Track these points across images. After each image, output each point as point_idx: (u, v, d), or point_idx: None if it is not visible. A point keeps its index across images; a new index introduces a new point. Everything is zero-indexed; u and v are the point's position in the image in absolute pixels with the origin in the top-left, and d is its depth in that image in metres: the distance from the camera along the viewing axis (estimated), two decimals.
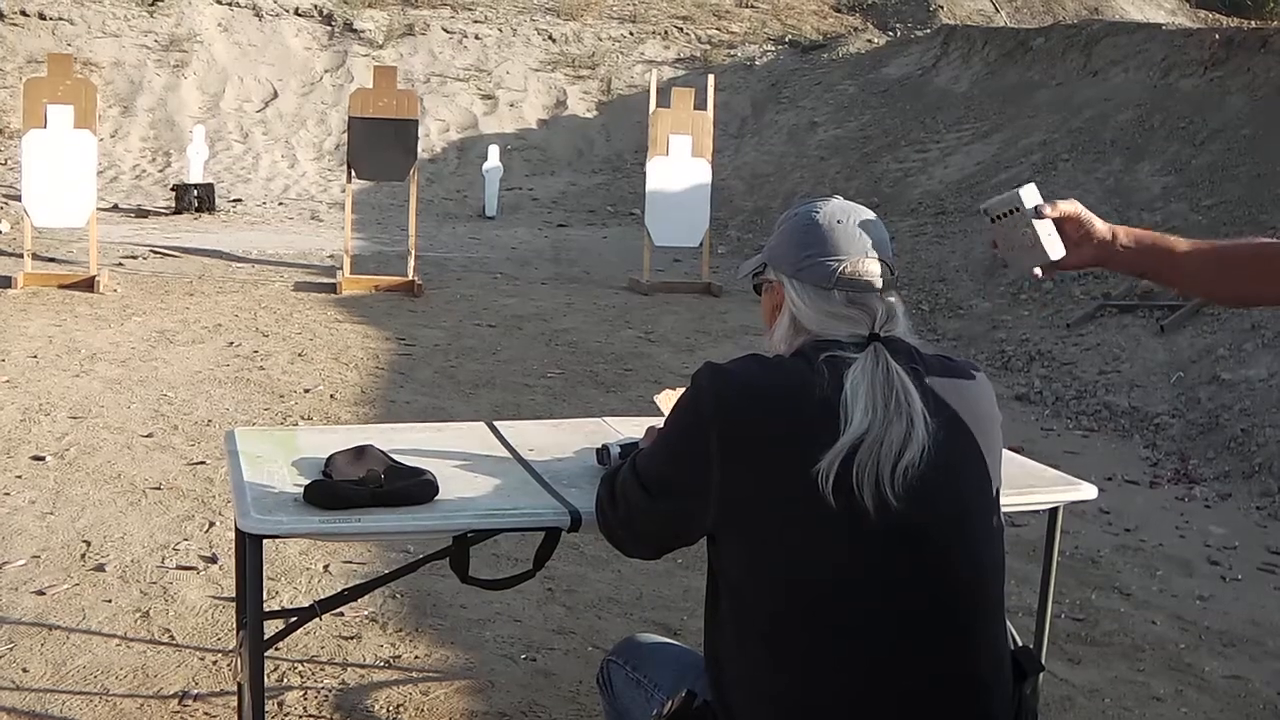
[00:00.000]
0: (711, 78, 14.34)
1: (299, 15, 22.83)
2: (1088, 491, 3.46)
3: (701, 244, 13.16)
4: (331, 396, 8.13)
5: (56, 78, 11.71)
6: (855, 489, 2.26)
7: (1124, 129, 14.52)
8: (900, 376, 2.35)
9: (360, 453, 3.17)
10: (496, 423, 3.74)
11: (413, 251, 12.53)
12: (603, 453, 3.25)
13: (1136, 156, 13.62)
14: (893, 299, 2.51)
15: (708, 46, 23.73)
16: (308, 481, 2.92)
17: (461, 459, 3.32)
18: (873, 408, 2.30)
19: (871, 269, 2.49)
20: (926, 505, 2.31)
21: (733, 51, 23.55)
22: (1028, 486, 3.39)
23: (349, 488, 2.89)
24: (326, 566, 5.25)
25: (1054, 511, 3.53)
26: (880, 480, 2.27)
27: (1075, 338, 10.02)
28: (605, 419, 3.90)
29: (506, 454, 3.41)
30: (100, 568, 5.13)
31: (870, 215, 2.58)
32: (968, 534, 2.39)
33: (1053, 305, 10.79)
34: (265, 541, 2.83)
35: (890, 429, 2.29)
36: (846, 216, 2.53)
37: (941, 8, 25.41)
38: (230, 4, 22.69)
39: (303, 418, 7.58)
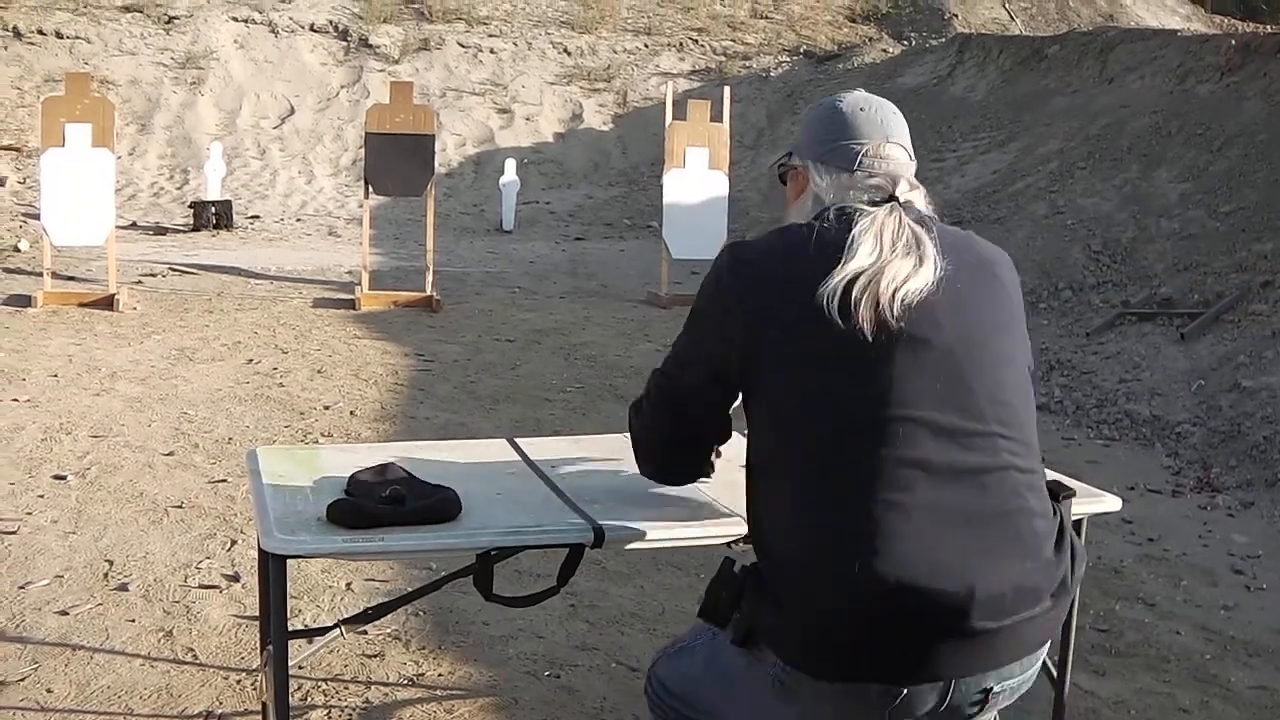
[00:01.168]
0: (727, 89, 14.33)
1: (315, 31, 22.86)
2: (1111, 503, 3.45)
3: None
4: (351, 413, 8.14)
5: (74, 96, 11.74)
6: (852, 311, 2.36)
7: (1141, 136, 14.47)
8: (911, 225, 2.47)
9: (383, 471, 3.17)
10: (518, 439, 3.74)
11: (431, 267, 12.53)
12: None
13: (1154, 163, 13.57)
14: (914, 179, 2.64)
15: (723, 58, 23.72)
16: (331, 500, 2.93)
17: (484, 476, 3.32)
18: (879, 247, 2.42)
19: (893, 153, 2.63)
20: (930, 326, 2.41)
21: (748, 63, 23.54)
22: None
23: (372, 506, 2.90)
24: (349, 584, 5.25)
25: (1078, 524, 3.51)
26: (880, 304, 2.38)
27: (1095, 346, 10.00)
28: (627, 435, 3.89)
29: (529, 470, 3.42)
30: (123, 587, 5.14)
31: (892, 106, 2.70)
32: (982, 359, 2.46)
33: (1072, 314, 10.78)
34: (288, 561, 2.83)
35: (895, 263, 2.41)
36: (869, 105, 2.67)
37: (956, 16, 25.37)
38: (246, 21, 22.74)
39: (323, 435, 7.59)
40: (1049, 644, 2.55)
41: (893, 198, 2.54)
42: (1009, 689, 2.45)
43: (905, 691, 2.35)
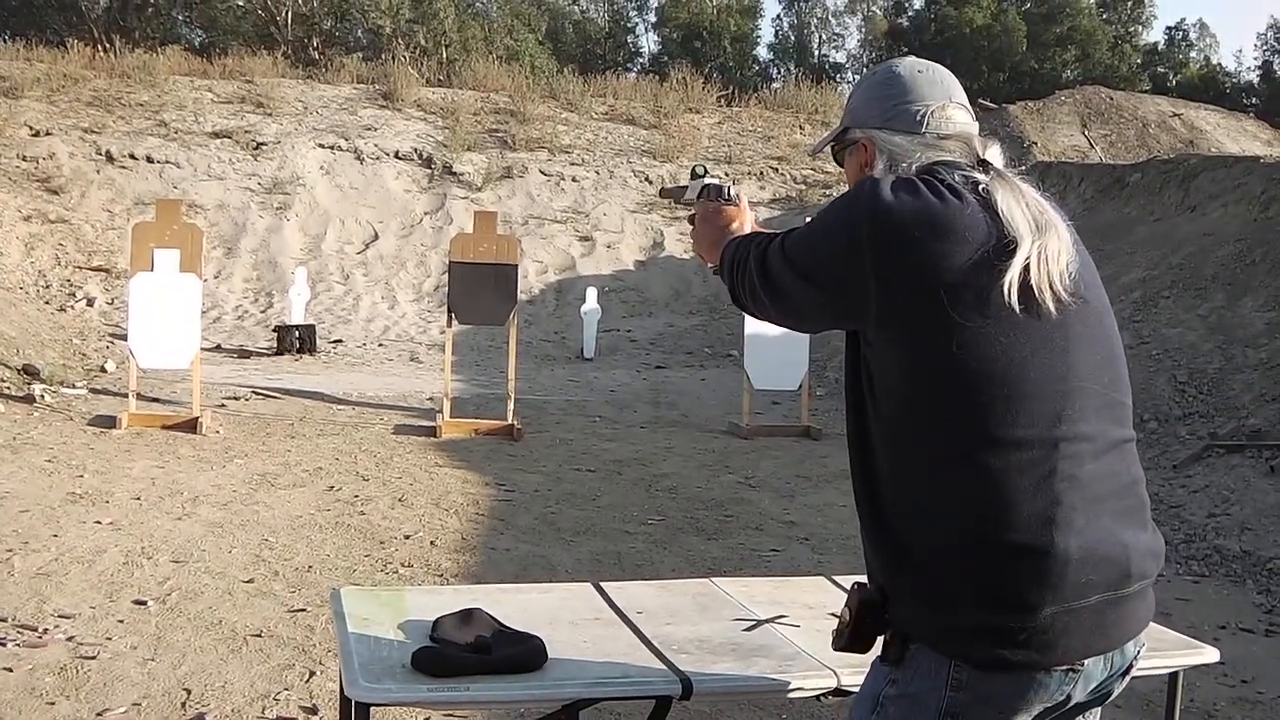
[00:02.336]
0: (808, 219, 14.35)
1: (399, 158, 23.22)
2: (1210, 655, 3.38)
3: (801, 387, 13.12)
4: (432, 543, 8.12)
5: (164, 222, 11.96)
6: (1036, 295, 2.37)
7: (1225, 264, 14.35)
8: (1031, 191, 2.49)
9: (468, 616, 3.15)
10: (604, 584, 3.71)
11: (512, 395, 12.57)
12: (698, 169, 3.21)
13: (1239, 292, 13.44)
14: (983, 136, 2.62)
15: (803, 187, 23.84)
16: (416, 647, 2.91)
17: (569, 622, 3.29)
18: (1030, 225, 2.40)
19: (956, 115, 2.60)
20: (1085, 290, 2.46)
21: (828, 191, 23.61)
22: (1147, 650, 3.30)
23: (457, 655, 2.88)
24: (427, 718, 5.20)
25: (1174, 676, 3.43)
26: (1053, 284, 2.39)
27: (1182, 479, 9.85)
28: (713, 580, 3.86)
29: (614, 617, 3.38)
30: (200, 717, 5.12)
31: (946, 69, 2.68)
32: (1112, 323, 2.55)
33: (1158, 446, 10.63)
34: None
35: (1048, 240, 2.41)
36: (926, 67, 2.65)
37: (1035, 144, 25.41)
38: (332, 147, 23.15)
39: (403, 565, 7.57)
40: None
41: (984, 162, 2.53)
42: (1140, 655, 2.52)
43: (1084, 668, 2.37)
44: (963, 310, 2.34)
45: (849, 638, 2.49)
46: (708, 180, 3.07)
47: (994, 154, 2.58)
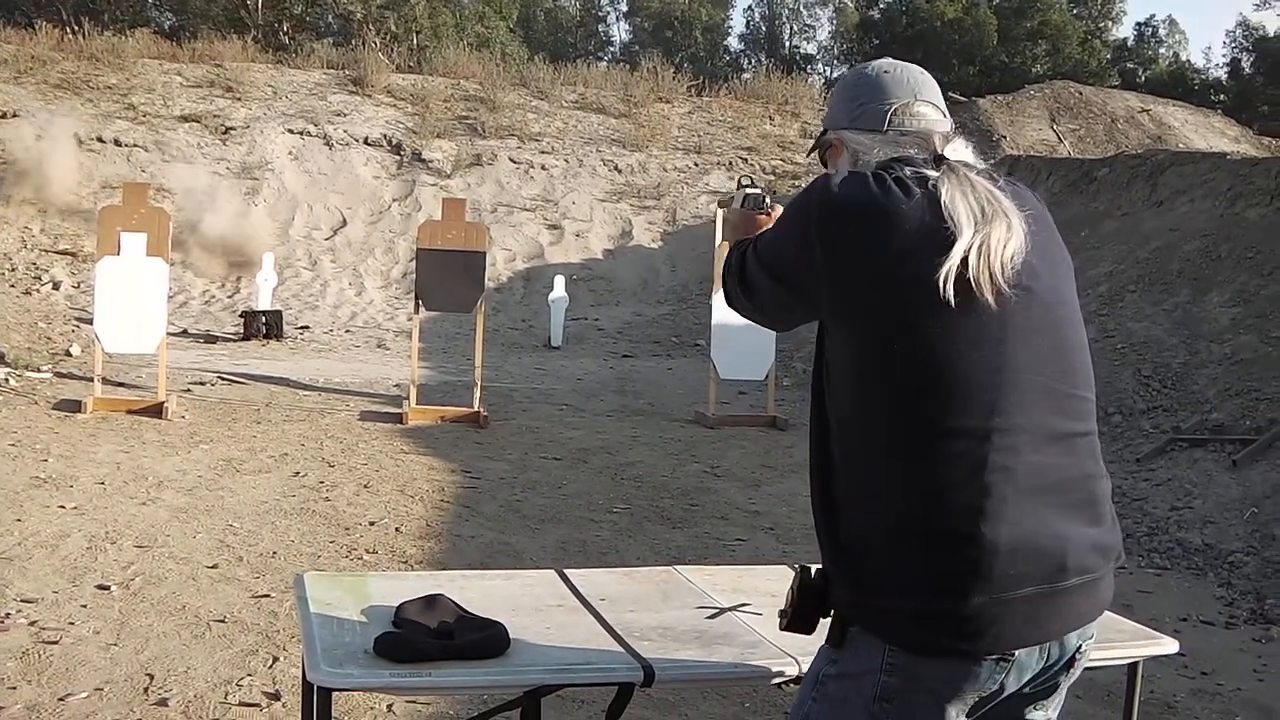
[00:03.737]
0: (779, 208, 14.34)
1: (368, 145, 23.15)
2: (1168, 646, 3.40)
3: (767, 377, 13.13)
4: (397, 530, 8.11)
5: (131, 206, 11.87)
6: (973, 286, 2.39)
7: (1191, 259, 14.39)
8: (983, 183, 2.50)
9: (431, 602, 3.15)
10: (567, 571, 3.71)
11: (478, 382, 12.55)
12: (743, 179, 3.40)
13: (1204, 287, 13.49)
14: (950, 131, 2.65)
15: (772, 177, 23.82)
16: (378, 632, 2.91)
17: (532, 609, 3.30)
18: (973, 216, 2.42)
19: (923, 111, 2.65)
20: (1031, 277, 2.47)
21: (796, 182, 23.59)
22: (1106, 640, 3.30)
23: (420, 640, 2.88)
24: (390, 706, 5.20)
25: (1134, 666, 3.45)
26: (994, 274, 2.41)
27: (1145, 473, 9.90)
28: (676, 568, 3.87)
29: (578, 604, 3.39)
30: (163, 702, 5.10)
31: (920, 69, 2.73)
32: (1070, 314, 2.57)
33: (1122, 440, 10.68)
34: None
35: (993, 230, 2.43)
36: (894, 67, 2.72)
37: (1004, 138, 25.46)
38: (301, 133, 23.06)
39: (368, 551, 7.56)
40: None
41: (940, 157, 2.55)
42: (1085, 649, 2.53)
43: (1015, 658, 2.40)
44: (901, 302, 2.39)
45: (791, 619, 2.59)
46: (749, 190, 3.22)
47: (955, 148, 2.61)
